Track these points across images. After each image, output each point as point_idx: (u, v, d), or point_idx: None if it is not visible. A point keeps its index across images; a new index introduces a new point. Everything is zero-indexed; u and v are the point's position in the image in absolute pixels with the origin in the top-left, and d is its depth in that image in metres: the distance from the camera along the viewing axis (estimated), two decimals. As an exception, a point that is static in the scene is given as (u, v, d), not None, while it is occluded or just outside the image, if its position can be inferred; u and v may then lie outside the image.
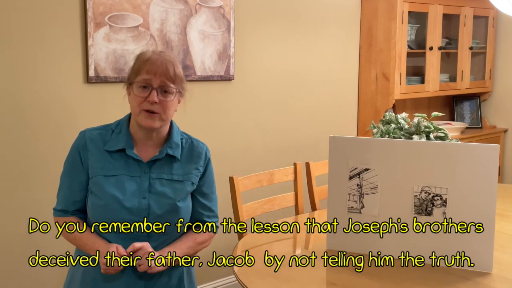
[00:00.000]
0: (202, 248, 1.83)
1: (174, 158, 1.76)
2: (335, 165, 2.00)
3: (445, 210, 1.86)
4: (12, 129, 2.46)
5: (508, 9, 2.50)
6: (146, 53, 1.72)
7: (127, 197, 1.67)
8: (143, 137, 1.73)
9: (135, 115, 1.69)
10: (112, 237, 1.69)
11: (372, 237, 1.95)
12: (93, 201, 1.69)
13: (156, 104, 1.66)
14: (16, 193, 2.50)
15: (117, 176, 1.69)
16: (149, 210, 1.69)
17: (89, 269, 1.72)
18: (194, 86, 3.02)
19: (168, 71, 1.67)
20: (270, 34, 3.34)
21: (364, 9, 3.82)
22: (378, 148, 1.93)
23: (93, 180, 1.70)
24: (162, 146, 1.75)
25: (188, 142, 1.82)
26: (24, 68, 2.46)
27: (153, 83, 1.66)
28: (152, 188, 1.70)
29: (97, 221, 1.70)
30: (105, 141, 1.72)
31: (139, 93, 1.67)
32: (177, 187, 1.74)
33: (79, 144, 1.73)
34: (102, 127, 1.77)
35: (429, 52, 3.90)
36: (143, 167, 1.72)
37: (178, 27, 2.90)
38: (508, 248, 2.06)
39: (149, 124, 1.67)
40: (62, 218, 1.75)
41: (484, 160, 1.80)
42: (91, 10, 2.57)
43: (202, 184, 1.82)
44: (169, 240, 1.75)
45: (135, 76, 1.68)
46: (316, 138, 3.65)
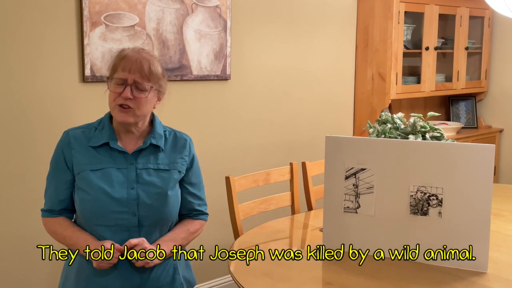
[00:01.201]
0: (195, 237, 1.89)
1: (158, 148, 1.79)
2: (331, 165, 2.00)
3: (440, 210, 1.86)
4: (8, 128, 2.45)
5: (503, 10, 2.51)
6: (124, 50, 1.76)
7: (115, 189, 1.69)
8: (123, 130, 1.77)
9: (111, 109, 1.74)
10: (103, 230, 1.70)
11: (368, 235, 1.95)
12: (82, 196, 1.70)
13: (129, 100, 1.69)
14: (10, 193, 2.49)
15: (103, 169, 1.72)
16: (138, 200, 1.71)
17: (83, 267, 1.72)
18: (191, 86, 3.02)
19: (143, 69, 1.70)
20: (267, 34, 3.34)
21: (360, 9, 3.82)
22: (374, 148, 1.94)
23: (80, 176, 1.71)
24: (146, 137, 1.79)
25: (172, 134, 1.87)
26: (20, 67, 2.45)
27: (128, 80, 1.69)
28: (140, 178, 1.73)
29: (87, 216, 1.71)
30: (88, 138, 1.76)
31: (114, 89, 1.71)
32: (164, 176, 1.76)
33: (63, 143, 1.76)
34: (85, 126, 1.81)
35: (425, 52, 3.91)
36: (129, 158, 1.74)
37: (175, 26, 2.89)
38: (504, 247, 2.07)
39: (122, 118, 1.71)
40: (49, 219, 1.77)
41: (480, 160, 1.81)
42: (87, 9, 2.57)
43: (191, 174, 1.87)
44: (159, 230, 1.77)
45: (113, 72, 1.73)
46: (312, 137, 3.65)
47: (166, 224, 1.79)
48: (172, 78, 2.90)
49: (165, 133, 1.84)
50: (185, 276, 1.88)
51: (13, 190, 2.49)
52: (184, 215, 1.88)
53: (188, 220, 1.88)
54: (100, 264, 1.65)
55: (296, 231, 2.35)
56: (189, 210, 1.88)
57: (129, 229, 1.71)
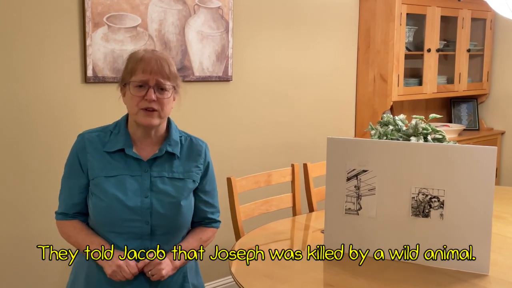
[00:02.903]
0: (207, 245, 1.87)
1: (174, 156, 1.76)
2: (332, 166, 2.00)
3: (442, 212, 1.86)
4: (10, 128, 2.45)
5: (505, 12, 2.50)
6: (138, 52, 1.73)
7: (129, 197, 1.67)
8: (141, 136, 1.74)
9: (133, 114, 1.70)
10: (115, 237, 1.69)
11: (369, 236, 1.95)
12: (95, 202, 1.69)
13: (154, 102, 1.67)
14: (13, 193, 2.49)
15: (117, 176, 1.69)
16: (152, 209, 1.69)
17: (93, 270, 1.71)
18: (192, 87, 3.02)
19: (163, 69, 1.68)
20: (269, 35, 3.34)
21: (362, 11, 3.82)
22: (376, 149, 1.94)
23: (94, 182, 1.70)
24: (161, 144, 1.76)
25: (187, 140, 1.83)
26: (22, 68, 2.45)
27: (150, 81, 1.67)
28: (154, 187, 1.71)
29: (99, 222, 1.70)
30: (104, 142, 1.73)
31: (136, 92, 1.67)
32: (178, 185, 1.74)
33: (78, 147, 1.74)
34: (100, 129, 1.77)
35: (427, 54, 3.91)
36: (144, 166, 1.72)
37: (177, 27, 2.90)
38: (505, 250, 2.07)
39: (148, 122, 1.68)
40: (63, 221, 1.76)
41: (482, 162, 1.81)
42: (90, 10, 2.57)
43: (205, 182, 1.83)
44: (172, 239, 1.76)
45: (130, 76, 1.69)
46: (314, 139, 3.65)
47: (179, 232, 1.78)
48: (174, 79, 2.90)
49: (181, 139, 1.80)
50: (194, 284, 1.87)
51: (15, 190, 2.49)
52: (197, 222, 1.86)
53: (200, 228, 1.86)
54: (116, 276, 1.64)
55: (297, 233, 2.35)
56: (201, 218, 1.85)
57: (141, 237, 1.69)
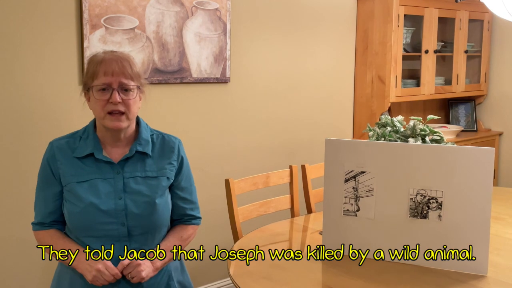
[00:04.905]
0: (188, 243, 1.85)
1: (145, 155, 1.75)
2: (331, 168, 2.00)
3: (440, 213, 1.86)
4: (7, 130, 2.45)
5: (503, 13, 2.51)
6: (98, 55, 1.70)
7: (102, 200, 1.66)
8: (111, 139, 1.73)
9: (100, 119, 1.68)
10: (92, 241, 1.68)
11: (367, 237, 1.95)
12: (70, 208, 1.68)
13: (119, 104, 1.65)
14: (13, 193, 2.48)
15: (90, 180, 1.68)
16: (126, 210, 1.67)
17: (76, 278, 1.70)
18: (190, 89, 3.02)
19: (125, 69, 1.66)
20: (267, 37, 3.35)
21: (360, 12, 3.83)
22: (374, 151, 1.94)
23: (67, 188, 1.69)
24: (132, 144, 1.74)
25: (160, 137, 1.81)
26: (19, 70, 2.45)
27: (113, 83, 1.64)
28: (127, 188, 1.69)
29: (76, 228, 1.69)
30: (73, 148, 1.72)
31: (100, 96, 1.66)
32: (152, 184, 1.72)
33: (48, 155, 1.73)
34: (70, 135, 1.77)
35: (425, 55, 3.92)
36: (115, 168, 1.71)
37: (174, 29, 2.90)
38: (503, 251, 2.07)
39: (116, 125, 1.67)
40: (40, 232, 1.75)
41: (480, 163, 1.81)
42: (87, 12, 2.57)
43: (181, 178, 1.82)
44: (151, 239, 1.74)
45: (92, 80, 1.67)
46: (312, 140, 3.65)
47: (157, 231, 1.75)
48: (172, 81, 2.90)
49: (153, 137, 1.79)
50: (181, 281, 1.86)
51: (15, 190, 2.49)
52: (176, 220, 1.84)
53: (181, 226, 1.84)
54: (97, 281, 1.63)
55: (295, 234, 2.35)
56: (180, 215, 1.84)
57: (119, 240, 1.68)
